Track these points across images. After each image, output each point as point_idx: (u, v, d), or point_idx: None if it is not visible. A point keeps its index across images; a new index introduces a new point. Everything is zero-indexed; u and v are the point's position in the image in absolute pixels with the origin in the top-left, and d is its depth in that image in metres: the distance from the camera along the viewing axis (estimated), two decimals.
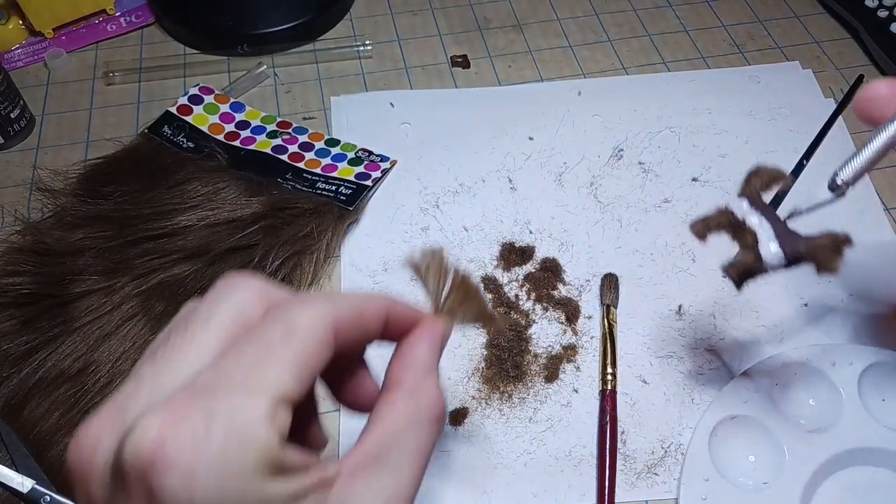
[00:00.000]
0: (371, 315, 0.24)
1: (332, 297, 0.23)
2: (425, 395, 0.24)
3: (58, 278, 0.42)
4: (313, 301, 0.22)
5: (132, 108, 0.55)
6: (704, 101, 0.54)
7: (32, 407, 0.38)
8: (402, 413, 0.23)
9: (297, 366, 0.20)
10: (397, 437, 0.23)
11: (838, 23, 0.60)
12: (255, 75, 0.56)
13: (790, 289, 0.44)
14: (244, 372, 0.20)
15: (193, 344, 0.21)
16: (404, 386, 0.24)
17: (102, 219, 0.45)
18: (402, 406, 0.24)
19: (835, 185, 0.29)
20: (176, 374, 0.20)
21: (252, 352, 0.20)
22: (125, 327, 0.41)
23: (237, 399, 0.19)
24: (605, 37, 0.60)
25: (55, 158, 0.52)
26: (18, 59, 0.59)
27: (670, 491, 0.37)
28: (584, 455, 0.38)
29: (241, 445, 0.18)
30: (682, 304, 0.44)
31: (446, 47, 0.59)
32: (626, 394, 0.40)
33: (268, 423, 0.19)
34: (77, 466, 0.20)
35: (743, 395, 0.38)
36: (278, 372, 0.20)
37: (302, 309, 0.21)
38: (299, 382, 0.20)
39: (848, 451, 0.36)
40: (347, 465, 0.22)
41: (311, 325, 0.21)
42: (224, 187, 0.47)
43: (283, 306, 0.22)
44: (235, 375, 0.20)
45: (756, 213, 0.32)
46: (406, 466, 0.23)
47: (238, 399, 0.19)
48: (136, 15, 0.62)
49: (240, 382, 0.19)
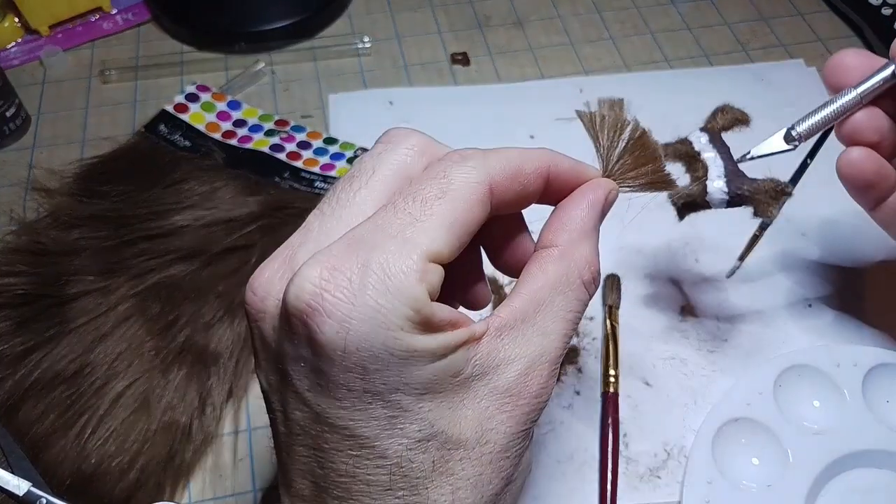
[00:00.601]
0: (529, 172, 0.24)
1: (490, 154, 0.23)
2: (578, 258, 0.24)
3: (54, 279, 0.42)
4: (470, 158, 0.22)
5: (128, 107, 0.55)
6: (708, 100, 0.54)
7: (28, 409, 0.37)
8: (552, 274, 0.23)
9: (451, 224, 0.21)
10: (546, 299, 0.23)
11: (842, 21, 0.60)
12: (252, 73, 0.56)
13: (794, 290, 0.44)
14: (399, 227, 0.20)
15: (357, 197, 0.22)
16: (557, 247, 0.24)
17: (99, 218, 0.45)
18: (553, 267, 0.23)
19: (790, 137, 0.31)
20: (340, 226, 0.22)
21: (408, 208, 0.21)
22: (121, 328, 0.40)
23: (391, 253, 0.20)
24: (608, 34, 0.59)
25: (51, 157, 0.51)
26: (14, 58, 0.58)
27: (673, 494, 0.36)
28: (585, 458, 0.38)
29: (391, 298, 0.19)
30: (685, 306, 0.43)
31: (446, 45, 0.59)
32: (628, 396, 0.40)
33: (417, 277, 0.20)
34: (251, 309, 0.22)
35: (746, 397, 0.38)
36: (431, 229, 0.21)
37: (458, 167, 0.22)
38: (452, 240, 0.21)
39: (852, 453, 0.36)
40: (495, 323, 0.22)
41: (465, 183, 0.22)
42: (221, 186, 0.46)
43: (441, 163, 0.22)
44: (390, 230, 0.20)
45: (712, 149, 0.34)
46: (553, 328, 0.23)
47: (391, 253, 0.20)
48: (132, 13, 0.61)
49: (394, 237, 0.20)
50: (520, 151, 0.24)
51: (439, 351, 0.20)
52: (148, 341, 0.40)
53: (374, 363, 0.20)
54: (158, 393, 0.38)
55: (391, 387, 0.20)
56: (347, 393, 0.20)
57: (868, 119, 0.31)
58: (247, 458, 0.38)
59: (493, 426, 0.22)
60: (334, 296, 0.19)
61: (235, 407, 0.40)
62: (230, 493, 0.37)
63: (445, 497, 0.21)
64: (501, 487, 0.22)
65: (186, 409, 0.38)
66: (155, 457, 0.36)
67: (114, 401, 0.38)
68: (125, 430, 0.37)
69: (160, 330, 0.40)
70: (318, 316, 0.19)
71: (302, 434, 0.21)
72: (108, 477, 0.36)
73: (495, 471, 0.22)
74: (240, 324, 0.41)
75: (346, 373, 0.20)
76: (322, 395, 0.20)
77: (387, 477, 0.21)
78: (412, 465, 0.21)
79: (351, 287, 0.19)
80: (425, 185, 0.22)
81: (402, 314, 0.19)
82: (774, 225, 0.41)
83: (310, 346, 0.20)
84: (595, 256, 0.24)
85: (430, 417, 0.21)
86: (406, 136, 0.24)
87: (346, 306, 0.19)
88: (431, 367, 0.20)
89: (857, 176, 0.31)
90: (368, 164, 0.23)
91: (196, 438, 0.38)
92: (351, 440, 0.21)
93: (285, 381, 0.21)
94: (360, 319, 0.19)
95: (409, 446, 0.21)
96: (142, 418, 0.37)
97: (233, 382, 0.40)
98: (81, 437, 0.36)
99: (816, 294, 0.43)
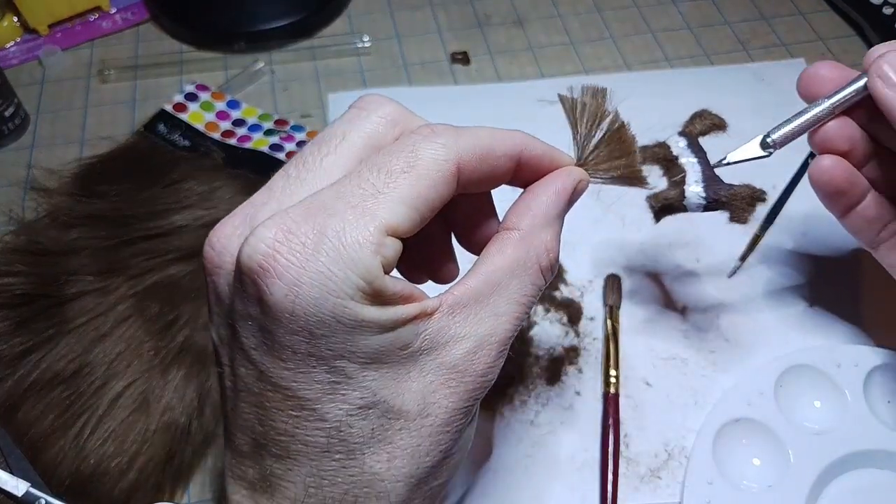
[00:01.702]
0: (500, 154, 0.23)
1: (461, 132, 0.23)
2: (538, 243, 0.24)
3: (52, 279, 0.41)
4: (441, 135, 0.22)
5: (127, 106, 0.55)
6: (708, 99, 0.53)
7: (27, 409, 0.37)
8: (510, 257, 0.23)
9: (413, 199, 0.21)
10: (501, 281, 0.23)
11: (843, 20, 0.60)
12: (251, 73, 0.56)
13: (795, 290, 0.43)
14: (360, 197, 0.20)
15: (324, 162, 0.22)
16: (519, 230, 0.24)
17: (97, 218, 0.45)
18: (512, 250, 0.23)
19: (766, 143, 0.32)
20: (303, 190, 0.22)
21: (372, 178, 0.21)
22: (120, 328, 0.40)
23: (348, 223, 0.20)
24: (608, 33, 0.59)
25: (50, 157, 0.51)
26: (13, 57, 0.58)
27: (674, 495, 0.36)
28: (586, 459, 0.37)
29: (343, 266, 0.19)
30: (685, 306, 0.43)
31: (446, 44, 0.59)
32: (629, 396, 0.39)
33: (373, 249, 0.20)
34: (208, 263, 0.22)
35: (747, 397, 0.38)
36: (392, 202, 0.21)
37: (427, 143, 0.22)
38: (412, 216, 0.21)
39: (853, 453, 0.36)
40: (448, 300, 0.22)
41: (433, 160, 0.22)
42: (220, 186, 0.46)
43: (412, 137, 0.22)
44: (351, 199, 0.20)
45: (690, 153, 0.34)
46: (505, 310, 0.23)
47: (349, 222, 0.20)
48: (131, 12, 0.61)
49: (353, 207, 0.20)
50: (491, 132, 0.24)
51: (388, 324, 0.20)
52: (147, 341, 0.40)
53: (321, 328, 0.20)
54: (157, 393, 0.38)
55: (336, 353, 0.20)
56: (292, 355, 0.20)
57: (840, 129, 0.32)
58: None
59: (435, 400, 0.22)
60: (286, 258, 0.19)
61: None
62: None
63: (381, 464, 0.22)
64: (439, 460, 0.23)
65: (185, 410, 0.38)
66: (154, 457, 0.36)
67: (113, 401, 0.37)
68: (124, 431, 0.37)
69: (159, 330, 0.40)
70: (269, 277, 0.19)
71: (245, 391, 0.22)
72: (107, 477, 0.35)
73: (434, 444, 0.22)
74: None
75: (293, 335, 0.20)
76: (267, 355, 0.21)
77: (325, 439, 0.21)
78: (351, 430, 0.21)
79: (304, 251, 0.19)
80: (392, 157, 0.21)
81: (354, 283, 0.19)
82: (775, 225, 0.41)
83: (259, 305, 0.20)
84: (556, 244, 0.24)
85: (373, 386, 0.21)
86: (380, 105, 0.23)
87: (297, 270, 0.19)
88: (379, 338, 0.20)
89: (828, 183, 0.32)
90: (339, 129, 0.23)
91: (195, 438, 0.38)
92: (292, 401, 0.21)
93: (234, 337, 0.22)
94: (309, 284, 0.19)
95: (350, 412, 0.21)
96: (141, 418, 0.37)
97: None
98: (80, 437, 0.36)
99: (817, 294, 0.43)
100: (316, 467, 0.21)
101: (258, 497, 0.22)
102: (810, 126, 0.32)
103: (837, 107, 0.31)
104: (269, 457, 0.22)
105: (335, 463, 0.21)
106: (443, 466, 0.23)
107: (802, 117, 0.32)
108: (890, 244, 0.34)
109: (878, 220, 0.33)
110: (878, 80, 0.29)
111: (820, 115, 0.31)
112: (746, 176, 0.34)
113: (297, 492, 0.22)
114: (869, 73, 0.30)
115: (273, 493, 0.22)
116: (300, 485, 0.22)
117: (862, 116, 0.32)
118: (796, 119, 0.32)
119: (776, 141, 0.32)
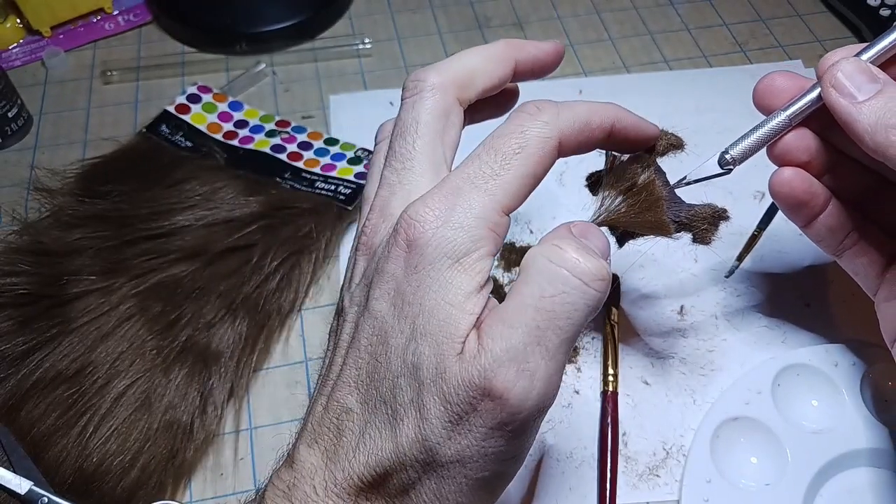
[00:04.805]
0: (595, 126, 0.28)
1: (562, 107, 0.27)
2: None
3: (55, 278, 0.42)
4: (544, 112, 0.26)
5: (130, 107, 0.55)
6: (706, 100, 0.54)
7: (30, 408, 0.37)
8: (526, 297, 0.26)
9: (524, 178, 0.25)
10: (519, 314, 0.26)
11: (840, 22, 0.60)
12: (253, 74, 0.56)
13: (792, 289, 0.44)
14: (483, 179, 0.25)
15: (417, 147, 0.27)
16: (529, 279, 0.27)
17: (100, 218, 0.45)
18: (527, 290, 0.26)
19: (724, 161, 0.31)
20: (414, 175, 0.27)
21: (489, 160, 0.25)
22: (123, 328, 0.40)
23: (474, 202, 0.25)
24: (607, 35, 0.60)
25: (52, 158, 0.52)
26: (16, 58, 0.59)
27: (672, 493, 0.36)
28: (585, 457, 0.38)
29: (463, 233, 0.24)
30: (684, 305, 0.43)
31: (446, 46, 0.59)
32: (627, 395, 0.40)
33: (488, 226, 0.25)
34: (363, 246, 0.27)
35: (745, 396, 0.38)
36: (507, 183, 0.25)
37: (533, 122, 0.26)
38: (523, 192, 0.26)
39: (851, 452, 0.36)
40: (489, 316, 0.26)
41: (540, 139, 0.26)
42: (222, 187, 0.46)
43: (520, 117, 0.26)
44: (477, 181, 0.25)
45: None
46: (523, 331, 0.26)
47: (474, 202, 0.25)
48: (134, 13, 0.61)
49: (478, 188, 0.25)
50: (588, 105, 0.27)
51: (472, 291, 0.25)
52: (149, 341, 0.40)
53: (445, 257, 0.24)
54: (160, 392, 0.38)
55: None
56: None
57: (798, 140, 0.31)
58: (248, 458, 0.38)
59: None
60: (428, 219, 0.25)
61: (236, 406, 0.40)
62: (231, 492, 0.37)
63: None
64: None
65: (188, 409, 0.38)
66: (156, 456, 0.37)
67: (115, 400, 0.38)
68: (126, 430, 0.37)
69: (161, 329, 0.40)
70: (415, 228, 0.24)
71: (366, 341, 0.25)
72: (110, 476, 0.36)
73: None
74: (240, 323, 0.41)
75: (430, 265, 0.24)
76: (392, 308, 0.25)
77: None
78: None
79: (438, 217, 0.24)
80: (506, 140, 0.25)
81: (465, 246, 0.24)
82: (773, 225, 0.42)
83: (406, 242, 0.24)
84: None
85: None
86: (423, 80, 0.28)
87: (434, 227, 0.24)
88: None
89: (788, 195, 0.32)
90: (409, 117, 0.27)
91: (197, 437, 0.38)
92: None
93: (367, 300, 0.26)
94: (442, 237, 0.24)
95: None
96: (143, 417, 0.37)
97: (234, 382, 0.40)
98: (83, 436, 0.36)
99: (815, 293, 0.43)
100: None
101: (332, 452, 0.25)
102: (768, 139, 0.31)
103: (794, 118, 0.31)
104: (378, 407, 0.25)
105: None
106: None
107: (760, 131, 0.31)
108: (853, 251, 0.34)
109: (841, 228, 0.33)
110: (832, 90, 0.29)
111: (777, 127, 0.31)
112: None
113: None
114: (822, 83, 0.29)
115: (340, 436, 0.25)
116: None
117: (819, 125, 0.31)
118: (753, 133, 0.31)
119: (735, 157, 0.31)
